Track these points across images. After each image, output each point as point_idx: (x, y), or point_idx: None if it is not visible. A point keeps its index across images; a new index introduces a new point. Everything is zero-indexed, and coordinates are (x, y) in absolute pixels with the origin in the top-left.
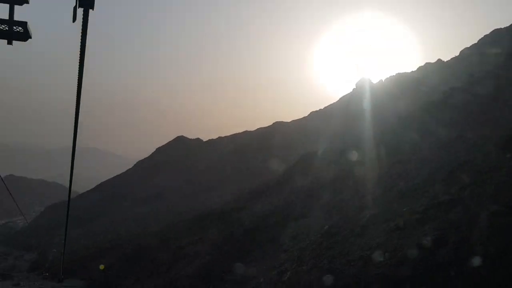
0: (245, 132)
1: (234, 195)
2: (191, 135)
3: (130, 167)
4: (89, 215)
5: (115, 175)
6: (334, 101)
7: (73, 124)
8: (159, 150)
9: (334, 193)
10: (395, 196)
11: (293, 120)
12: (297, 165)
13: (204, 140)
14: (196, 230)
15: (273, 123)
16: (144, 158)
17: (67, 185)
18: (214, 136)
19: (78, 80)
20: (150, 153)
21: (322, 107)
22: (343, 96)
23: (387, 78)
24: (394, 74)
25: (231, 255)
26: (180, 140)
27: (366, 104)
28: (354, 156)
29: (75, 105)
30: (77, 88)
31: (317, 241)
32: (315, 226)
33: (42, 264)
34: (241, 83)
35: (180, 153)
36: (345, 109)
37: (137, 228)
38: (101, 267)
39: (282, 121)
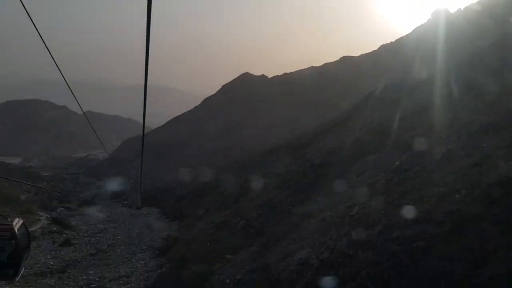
0: (311, 68)
1: (300, 131)
2: (256, 72)
3: (198, 104)
4: (161, 150)
5: (184, 111)
6: (406, 34)
7: (144, 62)
8: (224, 87)
9: (405, 129)
10: (474, 131)
11: (361, 55)
12: (366, 101)
13: (269, 76)
14: (262, 165)
15: (341, 57)
16: (211, 95)
17: (141, 121)
18: (279, 73)
19: (147, 17)
20: (216, 90)
21: (393, 40)
22: (416, 28)
23: (467, 7)
24: (475, 2)
25: (297, 189)
26: (245, 77)
27: (442, 36)
28: (427, 91)
29: (145, 43)
30: (147, 26)
31: (387, 177)
32: (385, 162)
33: (121, 194)
34: (305, 19)
35: (246, 90)
36: (418, 42)
37: (207, 162)
38: None
39: (350, 56)
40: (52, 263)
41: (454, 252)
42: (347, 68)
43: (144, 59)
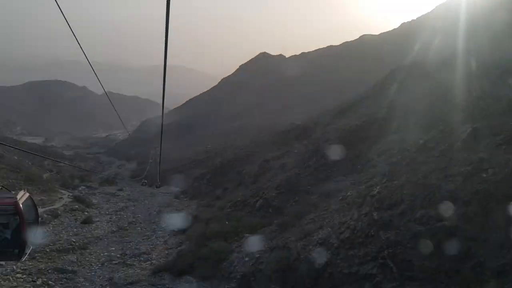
0: (330, 47)
1: (319, 110)
2: (273, 52)
3: (215, 84)
4: (179, 130)
5: (202, 92)
6: (428, 12)
7: (164, 43)
8: (242, 67)
9: (429, 107)
10: (502, 109)
11: (382, 33)
12: (387, 80)
13: (287, 56)
14: (281, 145)
15: (360, 36)
16: (228, 76)
17: (159, 101)
18: (297, 52)
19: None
20: (234, 71)
21: (414, 18)
22: (439, 5)
23: None
24: None
25: (316, 169)
26: (262, 57)
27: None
28: (451, 69)
29: (164, 23)
30: (166, 7)
31: (411, 156)
32: (408, 141)
33: (141, 173)
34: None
35: (263, 70)
36: (440, 19)
37: (225, 143)
38: None
39: (370, 34)
40: (74, 240)
41: (480, 233)
42: (367, 47)
43: (164, 40)
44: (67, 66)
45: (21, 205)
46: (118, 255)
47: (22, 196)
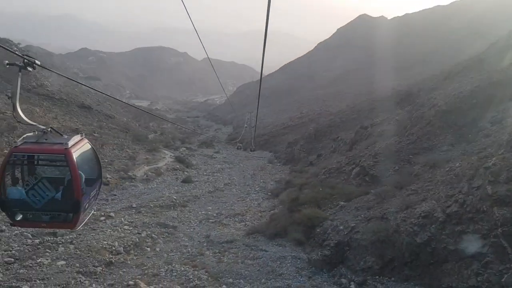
0: (437, 7)
1: (422, 75)
2: (375, 13)
3: (311, 49)
4: (274, 95)
5: (297, 57)
6: None
7: (266, 9)
8: (340, 30)
9: None
10: None
11: None
12: (504, 41)
13: (389, 18)
14: (379, 111)
15: None
16: (325, 39)
17: (254, 66)
18: (400, 14)
19: None
20: (331, 34)
21: None
22: None
23: None
24: None
25: (420, 137)
26: (362, 19)
27: None
28: None
29: None
30: None
31: None
32: None
33: (237, 137)
34: None
35: (363, 33)
36: None
37: (319, 108)
38: None
39: None
40: (175, 197)
41: None
42: (480, 8)
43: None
44: (169, 33)
45: (74, 154)
46: (215, 214)
47: (77, 143)
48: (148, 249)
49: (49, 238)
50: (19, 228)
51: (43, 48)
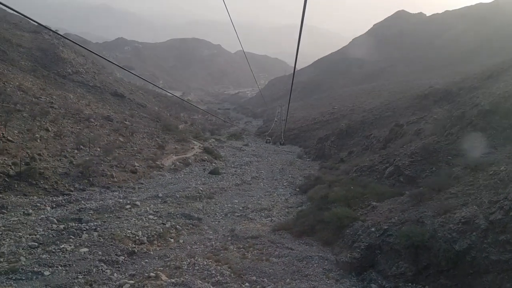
0: (479, 4)
1: (462, 75)
2: (413, 9)
3: (345, 44)
4: (306, 90)
5: (331, 52)
6: None
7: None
8: (376, 26)
9: None
10: None
11: None
12: None
13: (428, 14)
14: (416, 109)
15: None
16: (360, 35)
17: (286, 60)
18: (440, 10)
19: None
20: (367, 30)
21: None
22: None
23: None
24: None
25: (460, 137)
26: (400, 15)
27: None
28: None
29: None
30: None
31: None
32: None
33: (266, 130)
34: None
35: (399, 29)
36: None
37: (352, 105)
38: None
39: None
40: (201, 188)
41: None
42: None
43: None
44: (204, 25)
45: None
46: (241, 208)
47: None
48: (172, 240)
49: (74, 224)
50: (46, 212)
51: (80, 36)
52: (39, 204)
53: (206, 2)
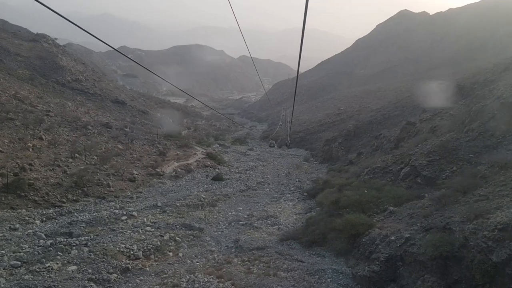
0: (482, 2)
1: (471, 71)
2: (416, 9)
3: (349, 46)
4: (310, 92)
5: (335, 54)
6: None
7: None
8: (379, 26)
9: None
10: None
11: None
12: None
13: (431, 14)
14: (426, 107)
15: None
16: (364, 36)
17: (290, 64)
18: (444, 9)
19: None
20: (370, 31)
21: None
22: None
23: None
24: None
25: (481, 134)
26: (403, 15)
27: None
28: None
29: None
30: None
31: None
32: None
33: (271, 134)
34: None
35: (403, 29)
36: None
37: (358, 105)
38: None
39: None
40: (204, 196)
41: None
42: None
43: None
44: (207, 32)
45: None
46: (245, 216)
47: None
48: (170, 253)
49: (63, 239)
50: (34, 226)
51: (83, 46)
52: (27, 218)
53: (207, 10)
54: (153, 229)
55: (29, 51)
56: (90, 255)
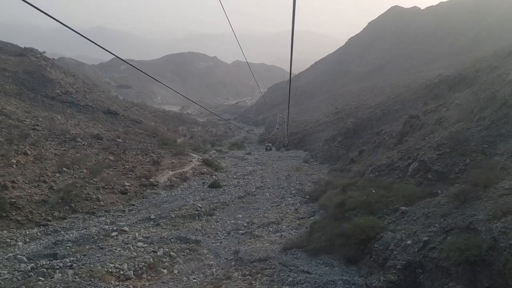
0: None
1: (465, 64)
2: (407, 4)
3: (341, 45)
4: (306, 93)
5: (327, 54)
6: None
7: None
8: (371, 24)
9: None
10: None
11: None
12: None
13: (422, 8)
14: (428, 99)
15: None
16: (356, 34)
17: (283, 67)
18: (435, 2)
19: None
20: (362, 29)
21: None
22: None
23: None
24: None
25: (494, 122)
26: (394, 11)
27: None
28: None
29: None
30: None
31: None
32: None
33: (268, 137)
34: None
35: (395, 25)
36: None
37: (356, 103)
38: None
39: None
40: (200, 205)
41: None
42: None
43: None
44: (198, 39)
45: None
46: (245, 224)
47: None
48: (165, 271)
49: (45, 262)
50: (16, 249)
51: (75, 59)
52: (8, 240)
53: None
54: (146, 245)
55: (17, 66)
56: (75, 278)
